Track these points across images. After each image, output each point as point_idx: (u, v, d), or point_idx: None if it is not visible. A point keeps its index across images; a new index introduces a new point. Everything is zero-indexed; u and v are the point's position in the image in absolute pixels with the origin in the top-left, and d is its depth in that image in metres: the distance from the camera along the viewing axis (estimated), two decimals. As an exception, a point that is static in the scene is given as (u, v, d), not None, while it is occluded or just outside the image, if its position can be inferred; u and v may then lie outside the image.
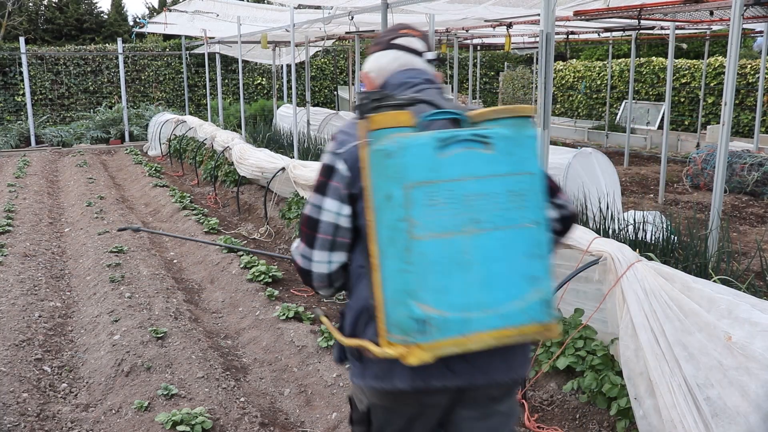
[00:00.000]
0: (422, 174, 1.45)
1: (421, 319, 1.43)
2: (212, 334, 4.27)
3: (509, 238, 1.49)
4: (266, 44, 11.41)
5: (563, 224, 1.78)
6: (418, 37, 1.87)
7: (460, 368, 1.62)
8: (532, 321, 1.49)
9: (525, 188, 1.51)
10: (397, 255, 1.45)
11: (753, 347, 2.34)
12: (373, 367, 1.65)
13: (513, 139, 1.51)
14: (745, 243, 6.45)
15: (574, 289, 3.71)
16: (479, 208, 1.47)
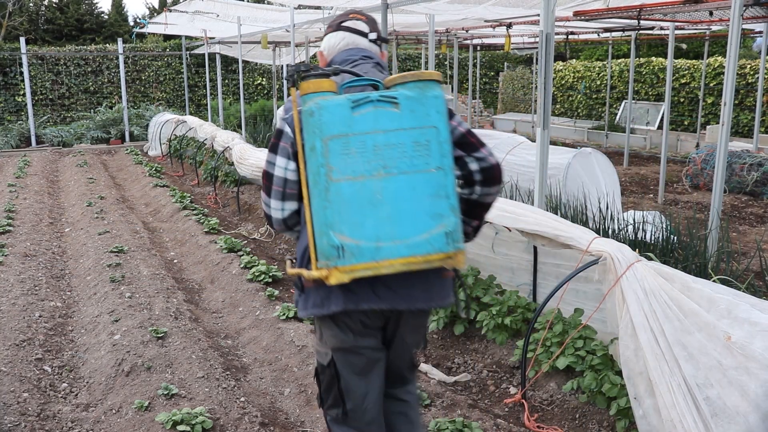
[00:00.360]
0: (338, 129, 1.77)
1: (338, 247, 1.76)
2: (212, 334, 4.27)
3: (415, 182, 1.79)
4: (266, 44, 11.42)
5: (484, 174, 2.01)
6: (363, 20, 2.17)
7: (385, 294, 1.93)
8: (436, 251, 1.79)
9: (428, 139, 1.80)
10: (319, 195, 1.78)
11: (752, 347, 2.34)
12: (313, 297, 1.98)
13: (416, 99, 1.81)
14: (745, 243, 6.45)
15: (574, 289, 3.71)
16: (387, 156, 1.78)
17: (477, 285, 4.14)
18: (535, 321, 3.29)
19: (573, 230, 3.25)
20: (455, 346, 4.07)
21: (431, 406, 3.18)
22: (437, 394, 3.31)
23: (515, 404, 3.32)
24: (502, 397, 3.47)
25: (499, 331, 3.85)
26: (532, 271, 4.16)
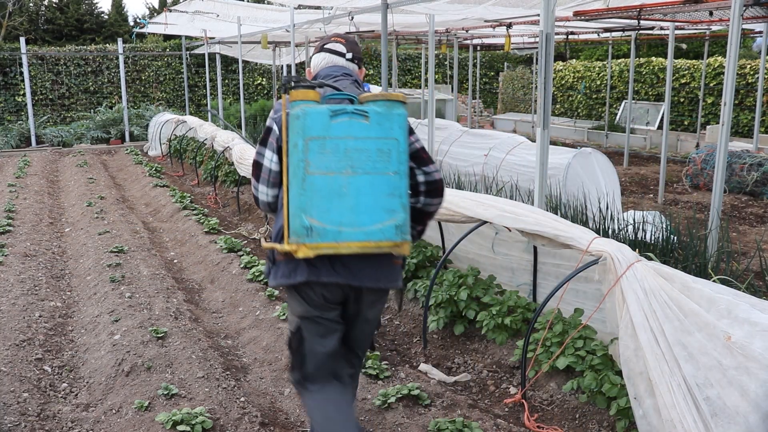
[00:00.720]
0: (317, 132, 2.13)
1: (308, 227, 2.12)
2: (212, 334, 4.27)
3: (375, 181, 2.15)
4: (266, 44, 11.42)
5: (428, 186, 2.42)
6: (342, 43, 2.59)
7: (342, 271, 2.30)
8: (386, 239, 2.15)
9: (390, 148, 2.17)
10: (297, 184, 2.14)
11: (752, 347, 2.34)
12: (282, 269, 2.34)
13: (384, 115, 2.18)
14: (745, 243, 6.45)
15: (574, 289, 3.71)
16: (355, 158, 2.14)
17: (477, 285, 4.14)
18: (535, 321, 3.29)
19: (573, 230, 3.25)
20: (455, 346, 4.07)
21: (431, 406, 3.18)
22: (437, 394, 3.31)
23: (515, 404, 3.32)
24: (502, 397, 3.47)
25: (499, 331, 3.85)
26: (532, 271, 4.16)
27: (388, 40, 7.17)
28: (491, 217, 3.66)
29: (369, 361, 3.59)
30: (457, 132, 8.97)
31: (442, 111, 15.69)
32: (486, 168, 7.67)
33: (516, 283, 4.32)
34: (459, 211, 3.88)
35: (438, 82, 19.79)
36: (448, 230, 4.87)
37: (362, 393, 3.32)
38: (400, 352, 4.06)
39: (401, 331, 4.38)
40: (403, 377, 3.51)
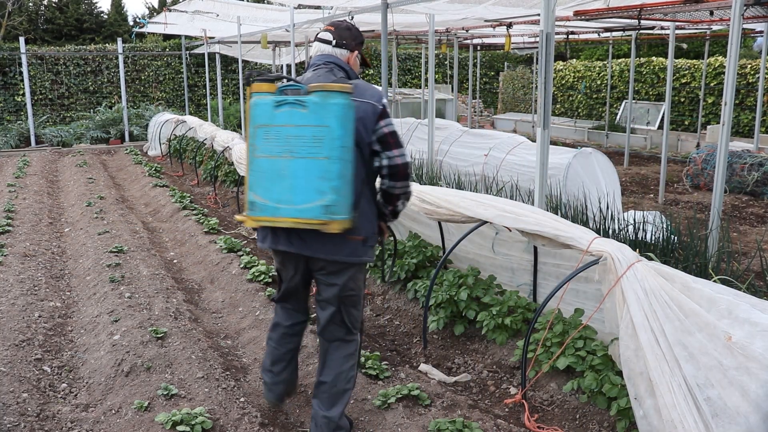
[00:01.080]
0: (263, 120, 2.47)
1: (252, 202, 2.50)
2: (212, 334, 4.27)
3: (309, 165, 2.42)
4: (266, 44, 11.41)
5: (389, 170, 2.64)
6: (331, 30, 2.84)
7: (296, 242, 2.66)
8: (314, 217, 2.43)
9: (323, 135, 2.41)
10: (248, 165, 2.53)
11: (753, 347, 2.34)
12: (259, 234, 2.80)
13: (320, 104, 2.42)
14: (745, 243, 6.45)
15: (574, 289, 3.71)
16: (294, 144, 2.43)
17: (477, 285, 4.13)
18: (536, 321, 3.28)
19: (573, 230, 3.24)
20: (455, 347, 4.06)
21: (431, 406, 3.17)
22: (437, 394, 3.30)
23: (515, 404, 3.32)
24: (502, 397, 3.46)
25: (500, 331, 3.84)
26: (533, 271, 4.15)
27: (388, 40, 7.16)
28: (491, 217, 3.65)
29: (369, 361, 3.59)
30: (457, 132, 8.97)
31: (442, 111, 15.69)
32: (486, 168, 7.67)
33: (516, 283, 4.31)
34: (459, 211, 3.88)
35: (438, 81, 19.78)
36: (448, 230, 4.87)
37: (362, 393, 3.32)
38: (400, 353, 4.05)
39: (401, 332, 4.38)
40: (403, 377, 3.51)
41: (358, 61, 2.93)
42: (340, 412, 2.83)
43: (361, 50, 2.97)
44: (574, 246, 3.16)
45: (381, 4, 6.74)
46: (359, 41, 2.91)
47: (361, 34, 2.96)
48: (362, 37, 2.96)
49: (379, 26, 7.81)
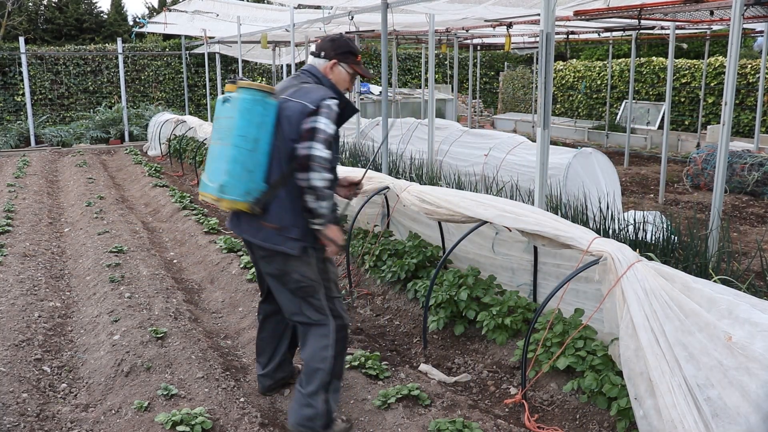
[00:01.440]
0: (216, 113, 2.95)
1: (201, 180, 2.93)
2: (212, 334, 4.26)
3: (221, 150, 2.84)
4: (266, 44, 11.41)
5: (296, 161, 2.80)
6: (317, 43, 3.12)
7: (244, 226, 2.97)
8: (212, 194, 2.83)
9: (231, 126, 2.81)
10: None
11: (753, 347, 2.34)
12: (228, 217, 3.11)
13: (234, 99, 2.84)
14: (746, 243, 6.45)
15: (574, 289, 3.71)
16: (220, 132, 2.87)
17: (477, 285, 4.13)
18: (536, 321, 3.28)
19: (573, 230, 3.24)
20: (455, 347, 4.06)
21: (431, 406, 3.17)
22: (437, 394, 3.30)
23: (515, 405, 3.32)
24: (502, 397, 3.46)
25: (500, 331, 3.84)
26: (533, 271, 4.15)
27: (388, 40, 7.16)
28: (491, 217, 3.65)
29: (369, 361, 3.59)
30: (457, 132, 8.97)
31: (442, 111, 15.68)
32: (486, 168, 7.67)
33: (516, 283, 4.31)
34: (459, 211, 3.88)
35: (438, 81, 19.78)
36: (448, 230, 4.87)
37: (362, 393, 3.31)
38: (400, 353, 4.05)
39: (401, 332, 4.38)
40: (403, 378, 3.50)
41: (342, 70, 3.02)
42: (312, 390, 2.89)
43: (352, 62, 3.03)
44: (574, 246, 3.16)
45: (381, 4, 6.73)
46: (341, 52, 3.00)
47: (349, 46, 3.03)
48: (349, 48, 3.02)
49: (379, 26, 7.80)
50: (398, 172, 7.78)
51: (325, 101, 2.81)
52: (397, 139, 9.62)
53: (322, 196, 2.75)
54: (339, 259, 5.68)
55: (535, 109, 17.39)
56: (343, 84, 3.05)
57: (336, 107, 2.84)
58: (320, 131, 2.75)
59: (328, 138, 2.77)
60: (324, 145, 2.74)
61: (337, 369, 2.97)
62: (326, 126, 2.77)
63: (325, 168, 2.74)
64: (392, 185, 4.79)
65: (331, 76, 3.02)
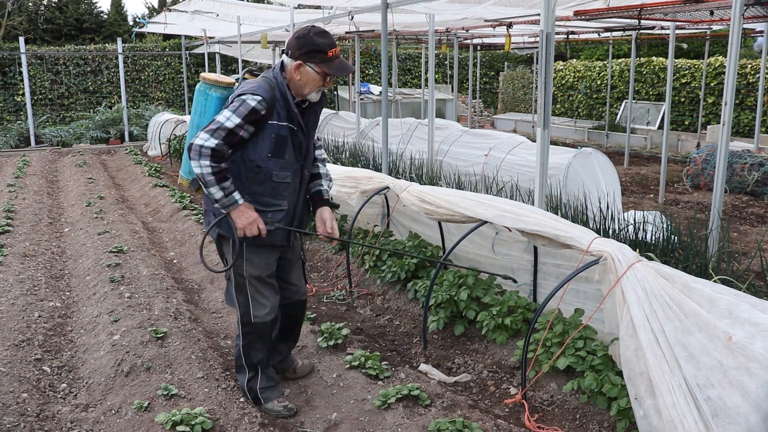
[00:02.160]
0: None
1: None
2: (212, 334, 4.26)
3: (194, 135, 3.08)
4: (266, 44, 11.40)
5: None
6: None
7: None
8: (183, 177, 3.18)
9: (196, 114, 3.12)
10: None
11: (753, 347, 2.34)
12: None
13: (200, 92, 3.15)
14: (746, 243, 6.45)
15: (574, 289, 3.71)
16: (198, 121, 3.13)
17: (477, 285, 4.13)
18: (536, 321, 3.28)
19: (573, 230, 3.24)
20: (455, 347, 4.06)
21: (431, 406, 3.17)
22: (437, 394, 3.30)
23: (515, 405, 3.32)
24: (502, 397, 3.46)
25: (500, 331, 3.84)
26: (533, 271, 4.15)
27: (388, 40, 7.16)
28: (491, 217, 3.65)
29: (369, 361, 3.59)
30: (457, 132, 8.97)
31: (442, 111, 15.69)
32: (486, 168, 7.67)
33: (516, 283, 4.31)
34: (459, 211, 3.88)
35: (438, 81, 19.79)
36: (448, 230, 4.87)
37: (362, 393, 3.31)
38: (400, 353, 4.05)
39: (401, 332, 4.38)
40: (403, 378, 3.50)
41: (310, 70, 2.89)
42: (242, 380, 3.28)
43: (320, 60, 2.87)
44: (574, 246, 3.16)
45: (381, 4, 6.73)
46: (305, 51, 2.86)
47: (315, 44, 2.86)
48: (315, 46, 2.86)
49: (379, 26, 7.81)
50: (398, 172, 7.78)
51: (245, 95, 2.83)
52: (397, 139, 9.62)
53: (204, 183, 2.82)
54: (339, 259, 5.68)
55: (535, 109, 17.39)
56: (313, 84, 2.92)
57: (253, 102, 2.80)
58: (214, 121, 2.82)
59: (221, 129, 2.78)
60: (209, 134, 2.78)
61: (250, 359, 3.19)
62: (224, 118, 2.81)
63: (207, 156, 2.76)
64: (392, 185, 4.79)
65: (298, 77, 2.91)
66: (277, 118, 2.91)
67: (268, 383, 3.25)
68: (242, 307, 3.15)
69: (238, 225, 2.90)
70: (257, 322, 3.14)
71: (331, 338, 3.88)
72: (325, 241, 3.17)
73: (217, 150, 2.78)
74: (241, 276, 3.09)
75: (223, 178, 2.82)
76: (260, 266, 3.09)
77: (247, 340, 3.17)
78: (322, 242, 6.14)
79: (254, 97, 2.81)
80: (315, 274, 5.60)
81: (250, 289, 3.11)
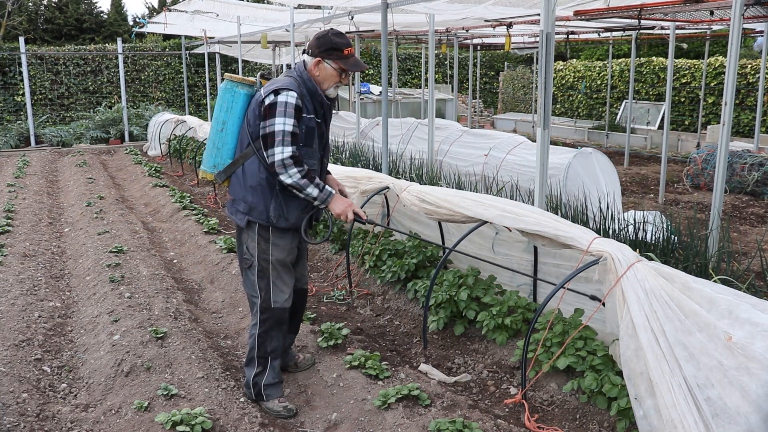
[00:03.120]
0: None
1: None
2: (212, 334, 4.26)
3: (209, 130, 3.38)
4: (266, 44, 11.41)
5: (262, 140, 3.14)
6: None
7: (228, 204, 3.36)
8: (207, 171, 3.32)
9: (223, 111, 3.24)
10: None
11: (753, 347, 2.34)
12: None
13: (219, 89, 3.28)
14: (746, 243, 6.45)
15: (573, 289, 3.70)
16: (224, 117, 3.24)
17: (477, 285, 4.13)
18: (536, 321, 3.28)
19: (573, 230, 3.24)
20: (455, 347, 4.06)
21: (431, 406, 3.17)
22: (437, 394, 3.30)
23: (515, 405, 3.32)
24: (502, 397, 3.46)
25: (500, 331, 3.84)
26: (533, 271, 4.15)
27: (388, 40, 7.16)
28: (491, 217, 3.65)
29: (369, 361, 3.59)
30: (457, 132, 8.97)
31: (442, 111, 15.68)
32: (486, 168, 7.67)
33: (516, 283, 4.31)
34: (459, 211, 3.88)
35: (438, 81, 19.78)
36: (448, 230, 4.87)
37: (362, 393, 3.31)
38: (400, 353, 4.05)
39: (401, 332, 4.38)
40: (403, 378, 3.50)
41: (328, 66, 3.15)
42: (249, 373, 3.30)
43: (337, 57, 3.14)
44: (574, 246, 3.16)
45: (381, 4, 6.73)
46: (324, 49, 3.13)
47: (332, 42, 3.13)
48: (332, 45, 3.13)
49: (379, 26, 7.81)
50: (398, 172, 7.78)
51: (275, 95, 3.03)
52: (397, 139, 9.62)
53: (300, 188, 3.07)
54: (339, 259, 5.69)
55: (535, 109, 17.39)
56: (331, 80, 3.18)
57: (293, 100, 3.03)
58: (276, 133, 3.02)
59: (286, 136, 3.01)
60: (280, 145, 3.01)
61: (264, 348, 3.25)
62: (282, 125, 3.02)
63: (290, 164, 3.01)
64: (392, 185, 4.79)
65: (317, 73, 3.17)
66: (305, 111, 3.14)
67: (273, 380, 3.30)
68: (263, 293, 3.25)
69: (336, 212, 3.18)
70: (276, 307, 3.25)
71: (331, 338, 3.88)
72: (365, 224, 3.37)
73: (295, 155, 3.01)
74: (266, 261, 3.22)
75: (312, 177, 3.07)
76: (285, 249, 3.24)
77: (264, 326, 3.25)
78: (323, 242, 6.15)
79: (291, 93, 3.04)
80: (315, 274, 5.60)
81: (273, 274, 3.24)
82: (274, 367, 3.31)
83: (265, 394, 3.28)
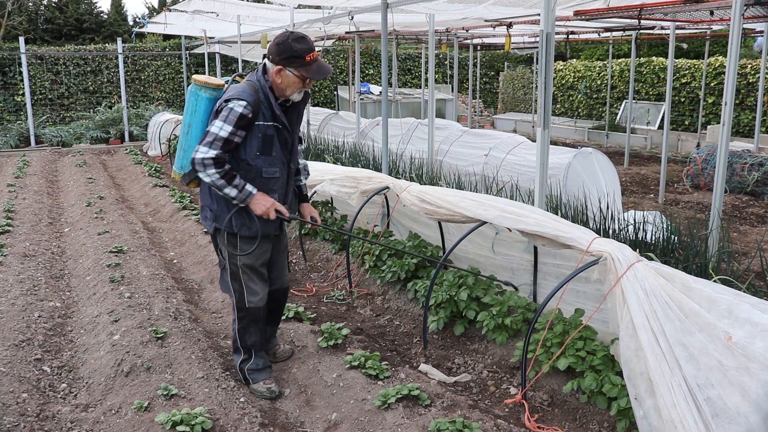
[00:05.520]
0: None
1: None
2: (212, 334, 4.26)
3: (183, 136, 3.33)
4: (266, 44, 11.40)
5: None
6: None
7: None
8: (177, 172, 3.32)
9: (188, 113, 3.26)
10: None
11: (753, 347, 2.34)
12: None
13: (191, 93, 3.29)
14: (746, 243, 6.45)
15: (574, 289, 3.70)
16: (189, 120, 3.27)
17: (477, 285, 4.13)
18: (536, 321, 3.28)
19: (573, 230, 3.24)
20: (455, 347, 4.06)
21: (431, 406, 3.17)
22: (437, 394, 3.30)
23: (515, 405, 3.32)
24: (502, 397, 3.46)
25: (500, 331, 3.84)
26: (533, 271, 4.15)
27: (388, 40, 7.16)
28: (491, 218, 3.65)
29: (369, 361, 3.59)
30: (457, 132, 8.97)
31: (442, 111, 15.69)
32: (486, 168, 7.67)
33: (516, 283, 4.31)
34: (459, 211, 3.88)
35: (438, 81, 19.78)
36: (448, 230, 4.87)
37: (362, 393, 3.31)
38: (400, 353, 4.05)
39: (401, 332, 4.38)
40: (403, 378, 3.50)
41: (290, 74, 3.09)
42: (237, 360, 3.50)
43: (299, 65, 3.06)
44: (574, 246, 3.16)
45: (381, 4, 6.73)
46: (285, 57, 3.05)
47: (293, 50, 3.05)
48: (293, 52, 3.05)
49: (379, 26, 7.81)
50: (398, 172, 7.78)
51: (231, 101, 3.04)
52: (397, 139, 9.62)
53: (218, 188, 3.09)
54: (339, 259, 5.69)
55: (535, 109, 17.39)
56: (294, 86, 3.14)
57: (240, 108, 3.02)
58: (209, 133, 3.04)
59: (216, 139, 3.03)
60: (207, 146, 3.03)
61: (245, 342, 3.42)
62: (218, 129, 3.03)
63: (210, 165, 3.02)
64: (392, 185, 4.79)
65: (279, 81, 3.12)
66: (262, 118, 3.12)
67: (257, 366, 3.47)
68: (237, 294, 3.36)
69: (258, 212, 3.17)
70: (251, 307, 3.37)
71: (331, 338, 3.88)
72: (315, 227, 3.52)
73: (218, 157, 3.03)
74: (235, 265, 3.31)
75: (231, 177, 3.07)
76: (254, 255, 3.30)
77: (242, 324, 3.40)
78: (323, 242, 6.16)
79: (240, 102, 3.03)
80: (315, 274, 5.60)
81: (244, 278, 3.34)
82: (259, 355, 3.49)
83: (251, 378, 3.46)
